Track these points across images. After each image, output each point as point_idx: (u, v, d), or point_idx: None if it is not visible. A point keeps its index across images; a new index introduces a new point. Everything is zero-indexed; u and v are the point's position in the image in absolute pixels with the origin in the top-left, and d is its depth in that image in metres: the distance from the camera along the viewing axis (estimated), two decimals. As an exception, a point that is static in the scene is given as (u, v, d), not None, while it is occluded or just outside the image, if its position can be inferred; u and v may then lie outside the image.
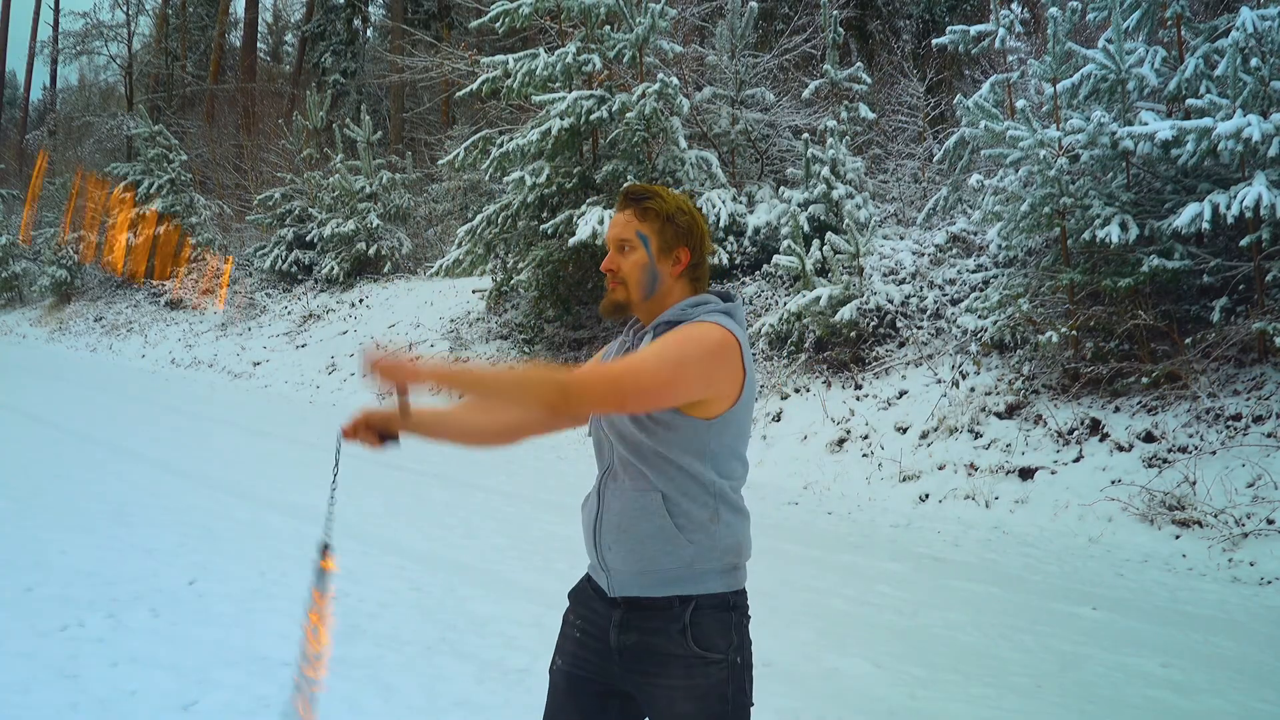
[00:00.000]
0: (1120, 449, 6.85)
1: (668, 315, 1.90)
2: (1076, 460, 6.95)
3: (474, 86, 12.22)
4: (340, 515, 7.20)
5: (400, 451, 2.11)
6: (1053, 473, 6.96)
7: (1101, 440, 7.00)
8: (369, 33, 30.63)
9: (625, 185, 1.98)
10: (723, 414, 1.81)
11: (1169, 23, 8.19)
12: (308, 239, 19.51)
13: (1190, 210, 6.71)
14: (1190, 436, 6.66)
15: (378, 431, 1.94)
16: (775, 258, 9.72)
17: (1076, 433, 7.17)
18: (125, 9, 38.93)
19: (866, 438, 8.27)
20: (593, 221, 10.67)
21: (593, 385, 1.75)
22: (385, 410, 1.95)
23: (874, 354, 9.20)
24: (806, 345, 9.63)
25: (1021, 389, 7.82)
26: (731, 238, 11.34)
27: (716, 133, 12.76)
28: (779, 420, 8.99)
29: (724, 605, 1.84)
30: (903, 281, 9.81)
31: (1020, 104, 7.63)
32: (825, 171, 10.52)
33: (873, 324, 9.33)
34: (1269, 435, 6.33)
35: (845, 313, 8.95)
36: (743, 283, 11.38)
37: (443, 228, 19.15)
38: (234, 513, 6.44)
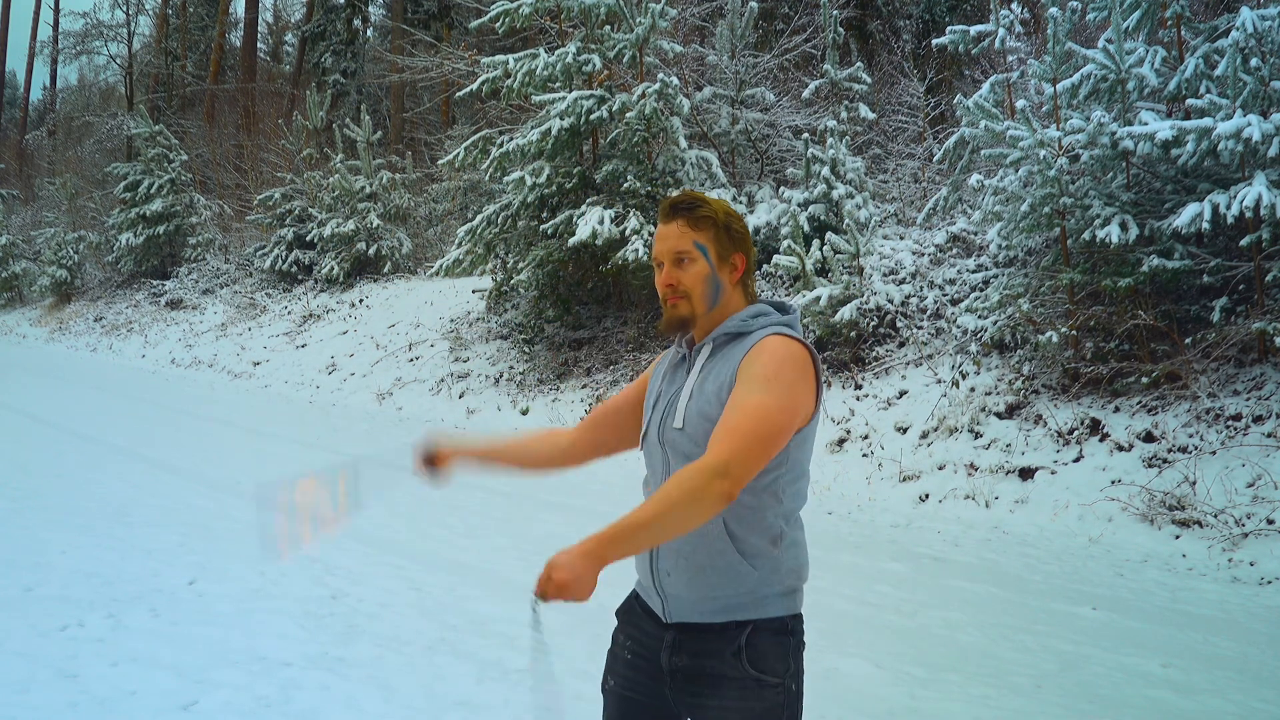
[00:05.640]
0: (1120, 449, 6.85)
1: (728, 328, 1.83)
2: (1076, 460, 6.95)
3: (474, 86, 12.22)
4: (340, 515, 7.08)
5: (399, 451, 2.13)
6: (1053, 473, 6.96)
7: (1101, 440, 7.00)
8: (369, 33, 30.60)
9: (668, 197, 1.88)
10: (800, 430, 1.76)
11: (1169, 23, 8.19)
12: (308, 239, 19.52)
13: (1190, 210, 6.71)
14: (1190, 436, 6.66)
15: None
16: (775, 258, 9.72)
17: (1076, 433, 7.16)
18: (125, 9, 38.99)
19: (866, 438, 8.27)
20: (593, 221, 10.66)
21: (745, 453, 1.62)
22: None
23: (874, 354, 9.20)
24: (806, 345, 9.62)
25: (1021, 389, 7.82)
26: (731, 238, 11.32)
27: (716, 133, 12.76)
28: (779, 420, 8.98)
29: (782, 629, 1.78)
30: (903, 281, 9.81)
31: (1020, 104, 7.63)
32: (825, 171, 10.52)
33: (873, 324, 9.33)
34: (1269, 435, 6.33)
35: (845, 313, 8.95)
36: (743, 283, 11.37)
37: (443, 228, 19.16)
38: (234, 513, 6.43)
